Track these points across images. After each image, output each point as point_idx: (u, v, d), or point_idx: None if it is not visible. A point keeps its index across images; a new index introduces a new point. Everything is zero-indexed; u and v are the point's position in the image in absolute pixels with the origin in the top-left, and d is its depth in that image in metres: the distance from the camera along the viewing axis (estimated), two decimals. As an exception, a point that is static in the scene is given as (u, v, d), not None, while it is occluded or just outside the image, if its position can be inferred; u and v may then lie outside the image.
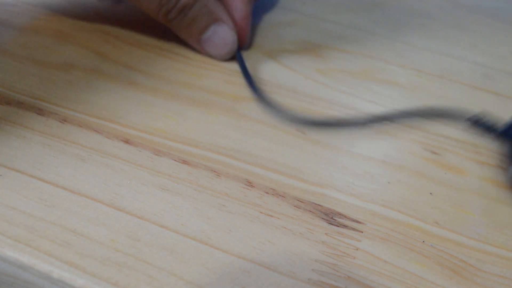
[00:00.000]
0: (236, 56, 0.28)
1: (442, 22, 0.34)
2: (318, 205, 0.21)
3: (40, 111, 0.24)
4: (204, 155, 0.23)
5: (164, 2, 0.26)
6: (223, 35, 0.27)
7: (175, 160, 0.22)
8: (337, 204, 0.21)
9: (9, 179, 0.21)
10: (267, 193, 0.21)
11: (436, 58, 0.30)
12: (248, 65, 0.28)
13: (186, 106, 0.25)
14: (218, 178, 0.22)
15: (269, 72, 0.28)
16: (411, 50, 0.31)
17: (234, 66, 0.28)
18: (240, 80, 0.27)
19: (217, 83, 0.27)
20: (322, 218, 0.21)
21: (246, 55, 0.29)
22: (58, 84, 0.26)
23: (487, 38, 0.32)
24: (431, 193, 0.22)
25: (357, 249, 0.20)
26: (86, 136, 0.23)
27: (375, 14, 0.34)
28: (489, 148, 0.24)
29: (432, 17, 0.34)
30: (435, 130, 0.25)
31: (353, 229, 0.20)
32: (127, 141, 0.23)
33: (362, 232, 0.20)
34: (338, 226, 0.20)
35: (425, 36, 0.32)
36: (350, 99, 0.27)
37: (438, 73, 0.29)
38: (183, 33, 0.28)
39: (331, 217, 0.21)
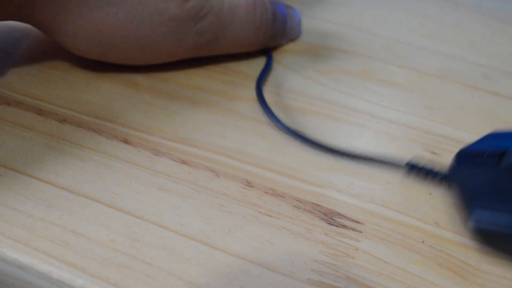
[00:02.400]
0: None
1: (442, 22, 0.34)
2: (318, 205, 0.21)
3: (39, 111, 0.24)
4: (204, 155, 0.23)
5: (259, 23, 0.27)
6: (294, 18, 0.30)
7: (175, 160, 0.22)
8: (337, 204, 0.21)
9: (9, 179, 0.21)
10: (266, 193, 0.21)
11: (436, 58, 0.30)
12: (248, 65, 0.28)
13: (186, 106, 0.25)
14: (218, 178, 0.22)
15: (269, 72, 0.28)
16: (411, 50, 0.31)
17: (234, 66, 0.28)
18: (240, 80, 0.27)
19: (217, 83, 0.27)
20: (322, 218, 0.21)
21: (246, 54, 0.29)
22: (57, 84, 0.26)
23: (487, 38, 0.32)
24: (431, 193, 0.22)
25: (356, 249, 0.20)
26: (86, 136, 0.23)
27: (375, 14, 0.34)
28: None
29: (432, 17, 0.34)
30: (435, 130, 0.25)
31: (353, 229, 0.20)
32: (126, 141, 0.23)
33: (361, 232, 0.20)
34: (337, 226, 0.20)
35: (425, 36, 0.32)
36: (349, 99, 0.27)
37: (438, 73, 0.29)
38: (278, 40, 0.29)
39: (330, 217, 0.21)
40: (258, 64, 0.28)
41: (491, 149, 0.21)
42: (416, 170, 0.22)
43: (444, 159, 0.24)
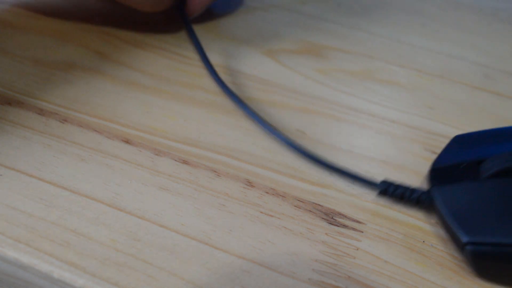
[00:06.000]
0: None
1: (442, 22, 0.34)
2: (318, 205, 0.21)
3: (40, 111, 0.24)
4: (204, 155, 0.23)
5: None
6: None
7: (175, 160, 0.22)
8: (338, 204, 0.21)
9: (9, 179, 0.21)
10: (267, 193, 0.21)
11: (436, 58, 0.30)
12: (248, 64, 0.28)
13: (186, 106, 0.25)
14: (218, 178, 0.22)
15: (269, 72, 0.28)
16: (411, 50, 0.31)
17: (235, 66, 0.28)
18: (241, 80, 0.27)
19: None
20: (322, 218, 0.21)
21: (246, 54, 0.29)
22: (58, 84, 0.26)
23: (487, 38, 0.32)
24: (431, 193, 0.22)
25: (357, 249, 0.20)
26: (86, 136, 0.23)
27: (374, 14, 0.34)
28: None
29: (432, 17, 0.34)
30: (436, 130, 0.25)
31: (353, 229, 0.20)
32: (127, 141, 0.23)
33: (362, 232, 0.20)
34: (338, 226, 0.20)
35: (425, 36, 0.32)
36: (350, 99, 0.27)
37: (438, 73, 0.29)
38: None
39: (331, 217, 0.21)
40: (258, 63, 0.28)
41: (466, 159, 0.20)
42: (392, 189, 0.20)
43: (445, 159, 0.24)
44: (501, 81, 0.29)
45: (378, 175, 0.23)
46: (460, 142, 0.21)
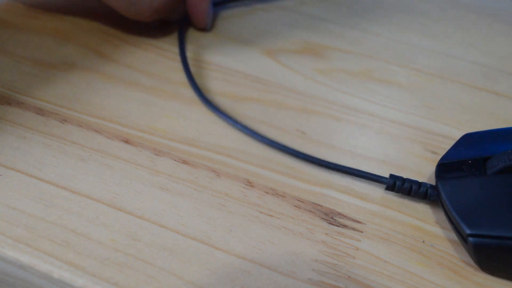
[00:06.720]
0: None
1: (442, 22, 0.34)
2: (318, 205, 0.21)
3: (40, 111, 0.24)
4: (204, 155, 0.23)
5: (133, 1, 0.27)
6: None
7: (175, 160, 0.22)
8: (337, 204, 0.21)
9: (9, 179, 0.21)
10: (267, 193, 0.21)
11: (436, 58, 0.30)
12: (248, 64, 0.28)
13: (186, 106, 0.25)
14: (218, 178, 0.22)
15: (269, 72, 0.28)
16: (411, 50, 0.31)
17: (235, 66, 0.28)
18: (241, 80, 0.27)
19: (217, 83, 0.27)
20: (322, 218, 0.21)
21: (246, 54, 0.29)
22: (58, 84, 0.26)
23: (487, 38, 0.32)
24: (431, 193, 0.22)
25: (357, 249, 0.20)
26: (86, 136, 0.23)
27: (375, 14, 0.34)
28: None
29: (432, 17, 0.34)
30: (435, 129, 0.25)
31: (353, 229, 0.20)
32: (127, 141, 0.23)
33: (362, 232, 0.20)
34: (338, 226, 0.20)
35: (425, 36, 0.32)
36: (350, 99, 0.27)
37: (438, 73, 0.29)
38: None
39: (331, 217, 0.21)
40: (258, 63, 0.28)
41: (473, 155, 0.20)
42: (400, 183, 0.21)
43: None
44: (501, 81, 0.29)
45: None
46: (469, 140, 0.22)
